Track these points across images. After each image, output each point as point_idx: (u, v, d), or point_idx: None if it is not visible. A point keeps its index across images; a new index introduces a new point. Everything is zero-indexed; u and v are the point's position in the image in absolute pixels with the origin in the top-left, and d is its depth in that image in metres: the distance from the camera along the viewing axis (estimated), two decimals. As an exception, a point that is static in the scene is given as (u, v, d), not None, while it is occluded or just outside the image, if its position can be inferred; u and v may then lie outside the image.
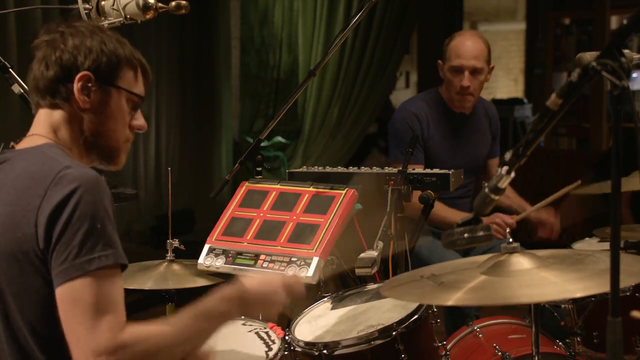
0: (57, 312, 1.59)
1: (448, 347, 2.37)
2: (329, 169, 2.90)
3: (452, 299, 1.76)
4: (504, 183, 1.61)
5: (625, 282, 1.59)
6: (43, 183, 1.61)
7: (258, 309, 1.84)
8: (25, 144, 1.78)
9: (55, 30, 1.77)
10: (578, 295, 1.74)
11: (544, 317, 3.02)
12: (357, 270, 2.29)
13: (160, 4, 2.43)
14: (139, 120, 1.85)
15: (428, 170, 2.85)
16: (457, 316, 3.23)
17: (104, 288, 1.57)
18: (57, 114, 1.77)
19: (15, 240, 1.62)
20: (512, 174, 1.61)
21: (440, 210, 3.35)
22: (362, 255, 2.31)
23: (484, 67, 3.47)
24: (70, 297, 1.56)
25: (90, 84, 1.74)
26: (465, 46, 3.45)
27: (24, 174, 1.66)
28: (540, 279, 1.78)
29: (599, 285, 1.70)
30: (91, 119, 1.77)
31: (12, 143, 1.81)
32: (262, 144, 2.93)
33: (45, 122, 1.77)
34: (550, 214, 3.53)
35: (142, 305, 4.81)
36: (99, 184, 1.63)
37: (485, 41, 3.53)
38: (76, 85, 1.73)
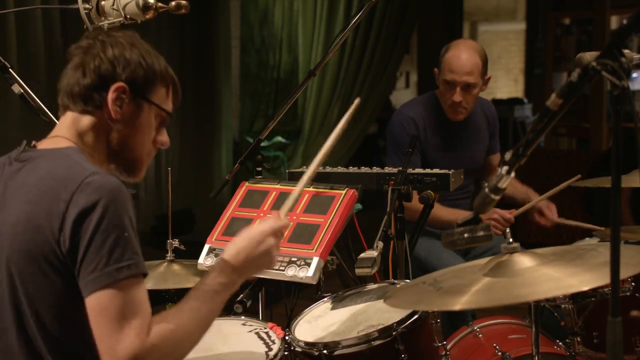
0: (71, 315, 1.62)
1: (448, 347, 2.37)
2: (329, 169, 2.90)
3: (460, 303, 1.77)
4: (504, 183, 1.61)
5: (625, 273, 1.60)
6: (69, 188, 1.62)
7: (255, 265, 1.81)
8: (47, 144, 1.78)
9: (95, 37, 1.78)
10: (584, 288, 1.74)
11: (544, 317, 3.01)
12: (357, 270, 2.29)
13: (160, 4, 2.43)
14: (163, 136, 1.88)
15: (428, 170, 2.85)
16: (456, 317, 3.23)
17: (133, 295, 1.60)
18: (86, 120, 1.77)
19: (36, 242, 1.62)
20: (512, 174, 1.61)
21: (439, 211, 3.34)
22: (362, 255, 2.31)
23: (478, 81, 3.42)
24: (100, 306, 1.59)
25: (124, 96, 1.75)
26: (459, 60, 3.38)
27: (47, 176, 1.67)
28: (544, 276, 1.78)
29: (600, 278, 1.70)
30: (120, 129, 1.78)
31: (33, 142, 1.80)
32: (262, 144, 2.93)
33: (72, 126, 1.77)
34: (549, 202, 3.52)
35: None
36: (124, 192, 1.65)
37: (482, 53, 3.45)
38: (111, 95, 1.74)
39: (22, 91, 2.49)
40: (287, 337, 2.26)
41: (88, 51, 1.76)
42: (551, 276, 1.78)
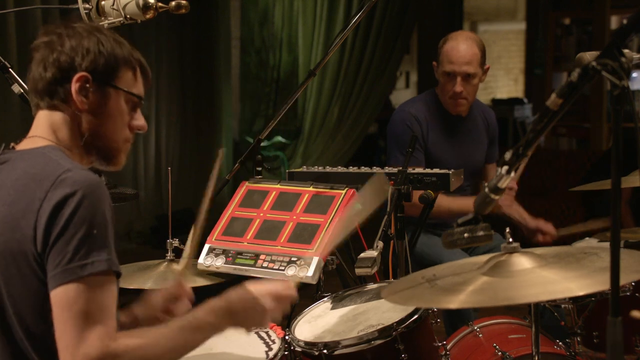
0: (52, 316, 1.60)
1: (448, 347, 2.37)
2: (329, 169, 2.90)
3: (456, 302, 1.76)
4: (504, 183, 1.61)
5: (626, 279, 1.59)
6: (44, 185, 1.61)
7: (247, 319, 1.79)
8: (25, 145, 1.77)
9: (53, 31, 1.77)
10: (580, 293, 1.74)
11: (544, 317, 3.01)
12: (357, 270, 2.29)
13: (160, 4, 2.43)
14: (139, 121, 1.85)
15: (428, 170, 2.85)
16: (456, 317, 3.23)
17: (96, 295, 1.57)
18: (57, 116, 1.76)
19: (14, 241, 1.62)
20: (512, 174, 1.60)
21: (447, 202, 3.31)
22: (362, 255, 2.31)
23: (477, 71, 3.42)
24: (62, 302, 1.56)
25: (88, 85, 1.74)
26: (458, 51, 3.38)
27: (24, 176, 1.66)
28: (541, 278, 1.78)
29: (600, 283, 1.70)
30: (90, 119, 1.76)
31: (12, 144, 1.80)
32: (262, 144, 2.93)
33: (45, 124, 1.77)
34: (544, 221, 3.52)
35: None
36: (100, 188, 1.63)
37: (480, 44, 3.45)
38: (74, 87, 1.73)
39: (22, 91, 2.49)
40: (287, 337, 2.26)
41: (47, 45, 1.75)
42: (549, 279, 1.77)
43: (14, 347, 1.65)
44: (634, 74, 7.24)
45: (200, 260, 2.51)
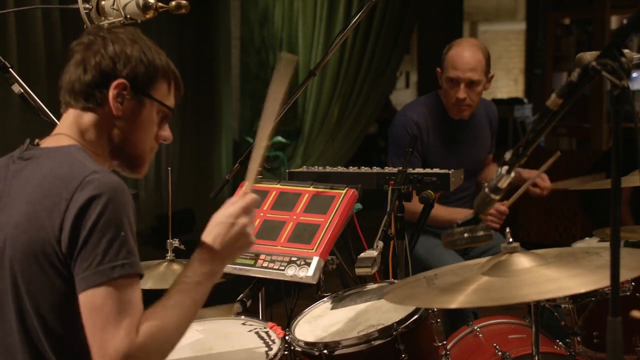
0: (72, 314, 1.61)
1: (448, 347, 2.37)
2: (329, 169, 2.90)
3: (456, 302, 1.76)
4: (504, 183, 1.61)
5: (625, 275, 1.59)
6: (70, 186, 1.62)
7: (234, 248, 1.77)
8: (50, 142, 1.78)
9: (97, 34, 1.77)
10: (581, 290, 1.74)
11: (544, 317, 3.01)
12: (357, 270, 2.29)
13: (160, 4, 2.43)
14: (166, 132, 1.88)
15: (428, 170, 2.85)
16: (456, 316, 3.23)
17: (125, 295, 1.60)
18: (88, 117, 1.77)
19: (38, 240, 1.63)
20: (512, 174, 1.60)
21: (440, 211, 3.34)
22: (362, 255, 2.31)
23: (482, 78, 3.42)
24: (93, 303, 1.59)
25: (125, 92, 1.75)
26: (463, 58, 3.38)
27: (50, 175, 1.67)
28: (541, 278, 1.78)
29: (600, 280, 1.70)
30: (121, 126, 1.77)
31: (36, 140, 1.80)
32: (262, 144, 2.92)
33: (74, 123, 1.77)
34: (540, 174, 3.50)
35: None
36: (124, 192, 1.64)
37: (485, 51, 3.46)
38: (112, 92, 1.74)
39: (22, 91, 2.49)
40: (287, 337, 2.26)
41: (89, 48, 1.75)
42: (549, 278, 1.77)
43: (32, 346, 1.66)
44: (634, 74, 7.24)
45: (200, 260, 2.51)
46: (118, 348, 1.56)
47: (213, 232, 1.76)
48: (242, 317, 2.39)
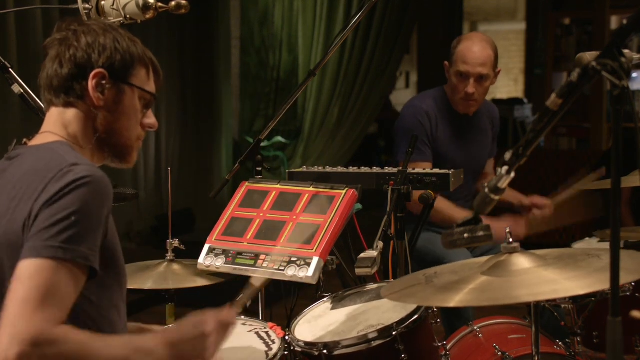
0: None
1: (448, 347, 2.37)
2: (329, 169, 2.90)
3: (454, 301, 1.76)
4: (504, 183, 1.61)
5: (625, 278, 1.59)
6: (45, 178, 1.62)
7: (187, 348, 1.72)
8: (37, 140, 1.78)
9: (68, 28, 1.77)
10: (580, 292, 1.74)
11: (544, 317, 3.01)
12: (357, 270, 2.29)
13: (160, 4, 2.43)
14: (151, 119, 1.86)
15: (428, 170, 2.85)
16: (455, 317, 3.23)
17: (57, 279, 1.54)
18: (70, 112, 1.77)
19: (12, 234, 1.62)
20: (512, 174, 1.60)
21: (446, 208, 3.33)
22: (362, 255, 2.31)
23: (490, 73, 3.44)
24: (25, 274, 1.53)
25: (104, 82, 1.75)
26: (472, 52, 3.39)
27: (30, 171, 1.67)
28: (541, 278, 1.78)
29: (600, 282, 1.70)
30: (105, 116, 1.77)
31: (25, 139, 1.80)
32: (262, 144, 2.93)
33: (58, 120, 1.77)
34: (538, 197, 3.52)
35: (142, 305, 4.82)
36: (102, 184, 1.62)
37: (493, 46, 3.48)
38: (91, 83, 1.74)
39: (22, 91, 2.49)
40: (287, 337, 2.26)
41: (62, 42, 1.75)
42: (548, 279, 1.77)
43: None
44: (634, 74, 7.24)
45: (200, 260, 2.51)
46: (31, 328, 1.49)
47: (182, 322, 1.75)
48: (242, 317, 2.39)
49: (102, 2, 2.42)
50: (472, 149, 3.59)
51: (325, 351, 2.17)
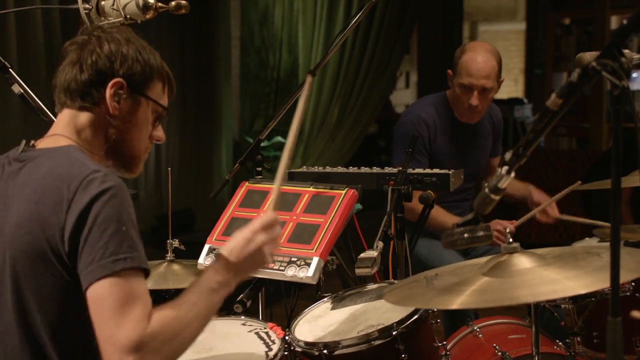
0: (77, 311, 1.61)
1: (448, 347, 2.37)
2: (329, 169, 2.90)
3: (456, 303, 1.76)
4: (504, 183, 1.61)
5: (625, 277, 1.59)
6: (71, 186, 1.62)
7: (248, 263, 1.77)
8: (47, 143, 1.78)
9: (91, 34, 1.78)
10: (581, 291, 1.74)
11: (544, 317, 3.02)
12: (357, 270, 2.29)
13: (160, 4, 2.43)
14: (159, 132, 1.88)
15: (428, 170, 2.85)
16: (456, 317, 3.23)
17: (130, 286, 1.59)
18: (84, 117, 1.77)
19: (41, 240, 1.63)
20: (512, 174, 1.60)
21: (439, 215, 3.34)
22: (362, 255, 2.31)
23: (494, 85, 3.41)
24: (98, 296, 1.58)
25: (121, 91, 1.75)
26: (477, 64, 3.36)
27: (50, 175, 1.67)
28: (541, 278, 1.78)
29: (600, 281, 1.70)
30: (117, 125, 1.78)
31: (32, 141, 1.80)
32: (262, 144, 2.93)
33: (70, 123, 1.77)
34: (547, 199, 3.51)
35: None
36: (124, 190, 1.65)
37: (497, 56, 3.44)
38: (109, 91, 1.74)
39: (22, 91, 2.49)
40: (287, 337, 2.26)
41: (84, 47, 1.76)
42: (549, 279, 1.77)
43: (34, 345, 1.66)
44: (634, 74, 7.25)
45: (200, 260, 2.51)
46: (129, 336, 1.55)
47: (231, 244, 1.77)
48: (242, 317, 2.39)
49: (102, 2, 2.43)
50: (471, 155, 3.57)
51: (325, 351, 2.17)
